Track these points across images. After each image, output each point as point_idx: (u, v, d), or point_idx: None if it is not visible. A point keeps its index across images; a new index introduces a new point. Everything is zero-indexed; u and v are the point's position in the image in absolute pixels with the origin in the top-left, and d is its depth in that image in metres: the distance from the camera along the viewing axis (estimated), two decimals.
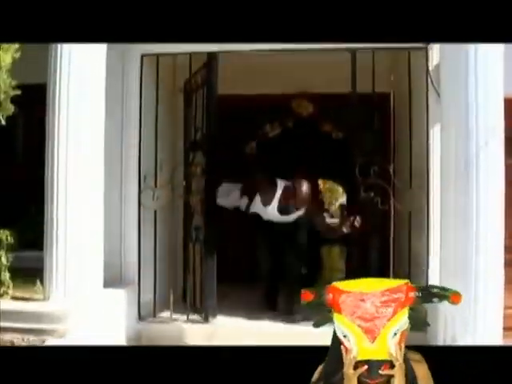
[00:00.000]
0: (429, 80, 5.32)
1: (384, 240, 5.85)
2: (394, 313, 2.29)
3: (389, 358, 2.24)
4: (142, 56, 5.87)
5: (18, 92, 4.81)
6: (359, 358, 2.25)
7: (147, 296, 5.83)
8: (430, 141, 5.38)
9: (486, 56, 4.33)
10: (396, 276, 5.54)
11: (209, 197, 5.84)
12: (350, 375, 2.26)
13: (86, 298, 4.71)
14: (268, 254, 6.52)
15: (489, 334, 4.16)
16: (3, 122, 4.78)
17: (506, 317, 4.35)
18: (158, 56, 5.86)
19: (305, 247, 6.36)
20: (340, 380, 2.33)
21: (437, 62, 5.11)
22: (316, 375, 2.48)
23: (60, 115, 4.76)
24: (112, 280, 5.45)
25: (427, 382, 2.40)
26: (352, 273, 5.81)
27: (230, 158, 7.18)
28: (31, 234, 6.09)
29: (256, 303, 5.92)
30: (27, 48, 4.86)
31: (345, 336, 2.30)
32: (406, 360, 2.32)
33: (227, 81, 6.22)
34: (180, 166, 6.01)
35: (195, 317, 5.77)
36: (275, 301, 6.24)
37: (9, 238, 5.06)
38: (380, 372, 2.25)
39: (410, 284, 2.37)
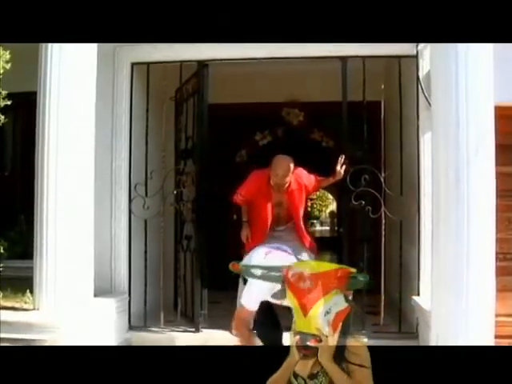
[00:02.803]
0: (419, 88, 5.34)
1: (375, 248, 5.84)
2: (326, 293, 2.68)
3: (316, 333, 2.64)
4: (133, 64, 5.87)
5: (9, 102, 4.79)
6: (296, 329, 2.71)
7: (138, 305, 5.81)
8: (421, 149, 5.40)
9: (477, 64, 4.34)
10: (387, 284, 5.55)
11: (199, 205, 5.83)
12: (291, 342, 2.75)
13: (76, 308, 4.68)
14: None
15: (481, 342, 4.15)
16: None
17: (497, 325, 4.35)
18: (148, 64, 5.86)
19: None
20: None
21: (427, 70, 5.13)
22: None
23: (50, 124, 4.73)
24: (102, 289, 5.43)
25: (362, 359, 2.78)
26: None
27: (220, 166, 7.17)
28: (21, 243, 6.08)
29: None
30: (16, 57, 4.85)
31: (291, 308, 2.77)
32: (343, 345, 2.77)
33: (218, 89, 6.23)
34: (171, 174, 5.99)
35: (186, 326, 5.75)
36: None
37: None
38: (308, 343, 2.65)
39: (345, 269, 2.84)
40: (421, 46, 5.30)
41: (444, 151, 4.45)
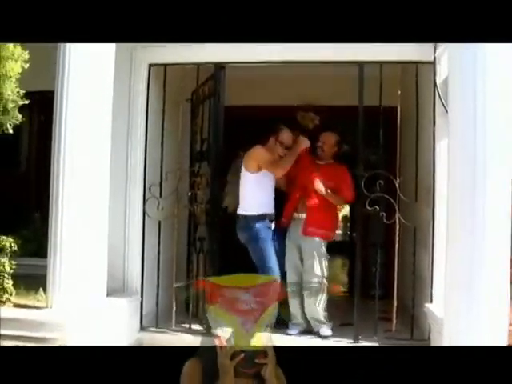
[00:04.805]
0: (436, 94, 5.31)
1: (388, 253, 5.82)
2: (267, 306, 2.51)
3: (263, 348, 2.42)
4: (150, 66, 5.89)
5: (27, 101, 4.81)
6: (237, 348, 2.41)
7: (150, 306, 5.82)
8: (437, 155, 5.36)
9: (495, 70, 4.33)
10: (400, 290, 5.52)
11: (213, 207, 5.83)
12: (227, 365, 2.39)
13: (88, 307, 4.69)
14: None
15: None
16: (10, 131, 4.77)
17: (510, 333, 4.32)
18: (165, 66, 5.87)
19: None
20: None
21: (444, 75, 5.10)
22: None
23: (66, 123, 4.74)
24: (115, 289, 5.45)
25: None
26: (354, 286, 5.79)
27: (235, 168, 7.17)
28: (34, 241, 6.11)
29: None
30: (34, 56, 4.86)
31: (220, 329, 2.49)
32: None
33: (234, 92, 6.23)
34: (185, 176, 6.01)
35: (197, 327, 5.75)
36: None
37: (12, 245, 5.05)
38: (256, 361, 2.41)
39: (279, 281, 2.72)
40: (438, 51, 5.28)
41: (460, 157, 4.44)
